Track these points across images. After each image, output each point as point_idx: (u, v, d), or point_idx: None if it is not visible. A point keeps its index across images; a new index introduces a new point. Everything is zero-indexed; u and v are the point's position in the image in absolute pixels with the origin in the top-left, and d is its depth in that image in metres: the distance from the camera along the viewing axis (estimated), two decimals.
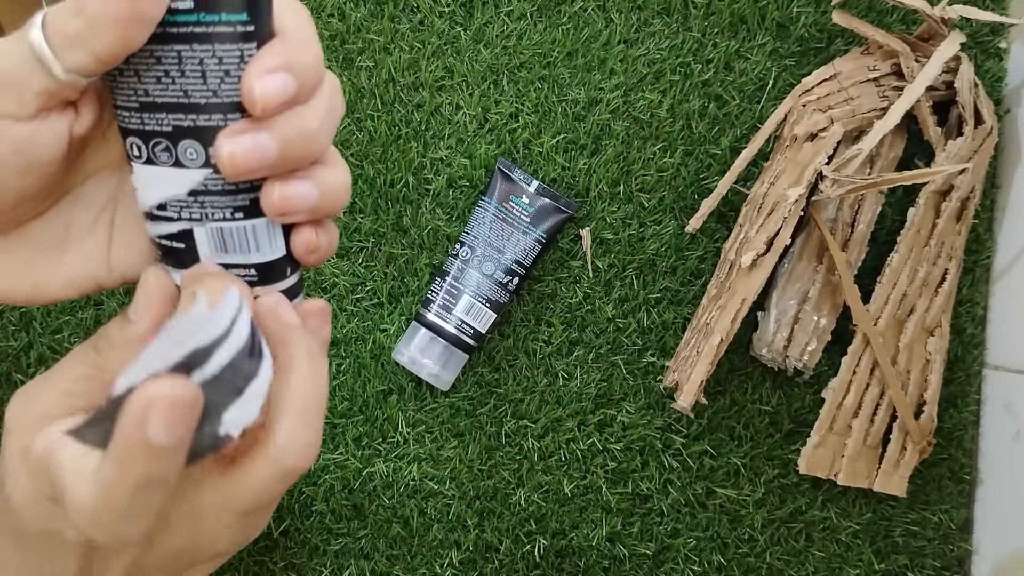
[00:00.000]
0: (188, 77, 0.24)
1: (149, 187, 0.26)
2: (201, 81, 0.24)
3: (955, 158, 0.56)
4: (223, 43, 0.24)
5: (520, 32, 0.61)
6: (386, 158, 0.60)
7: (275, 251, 0.28)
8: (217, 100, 0.24)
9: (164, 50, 0.24)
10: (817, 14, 0.61)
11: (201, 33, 0.24)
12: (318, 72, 0.25)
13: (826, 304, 0.56)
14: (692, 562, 0.59)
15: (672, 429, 0.59)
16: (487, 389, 0.60)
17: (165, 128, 0.25)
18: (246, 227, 0.27)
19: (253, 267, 0.27)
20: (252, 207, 0.26)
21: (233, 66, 0.24)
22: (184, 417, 0.22)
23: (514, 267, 0.58)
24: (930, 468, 0.59)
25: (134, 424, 0.21)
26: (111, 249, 0.29)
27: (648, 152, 0.61)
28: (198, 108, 0.25)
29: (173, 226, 0.26)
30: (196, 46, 0.24)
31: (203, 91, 0.24)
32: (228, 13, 0.24)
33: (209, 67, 0.24)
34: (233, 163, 0.24)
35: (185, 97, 0.24)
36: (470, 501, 0.59)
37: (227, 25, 0.24)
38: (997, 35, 0.62)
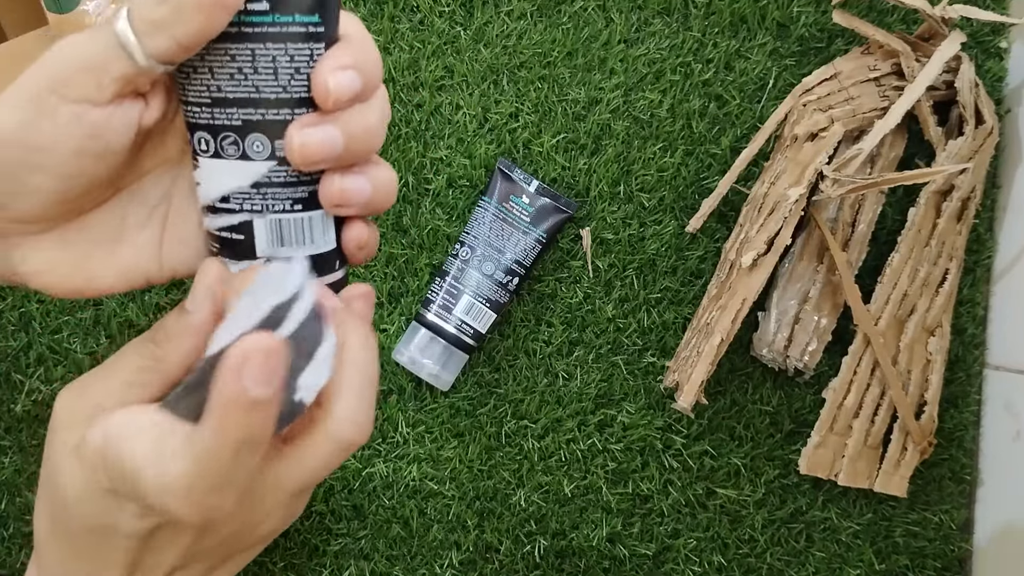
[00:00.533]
0: (260, 73, 0.26)
1: (213, 180, 0.27)
2: (272, 77, 0.26)
3: (956, 158, 0.56)
4: (295, 42, 0.26)
5: (520, 32, 0.61)
6: (386, 158, 0.60)
7: (327, 244, 0.29)
8: (286, 95, 0.26)
9: (239, 48, 0.25)
10: (817, 14, 0.61)
11: (275, 32, 0.25)
12: (378, 74, 0.27)
13: (827, 304, 0.56)
14: (692, 562, 0.59)
15: (672, 429, 0.59)
16: (487, 389, 0.59)
17: (235, 122, 0.26)
18: (303, 219, 0.28)
19: (307, 259, 0.28)
20: (310, 199, 0.28)
21: (303, 63, 0.26)
22: (278, 367, 0.23)
23: (514, 267, 0.58)
24: (931, 468, 0.59)
25: (232, 379, 0.22)
26: (163, 244, 0.30)
27: (648, 152, 0.61)
28: (268, 103, 0.26)
29: (234, 218, 0.28)
30: (270, 44, 0.25)
31: (274, 87, 0.26)
32: (301, 15, 0.25)
33: (281, 64, 0.26)
34: (304, 152, 0.26)
35: (256, 92, 0.26)
36: (470, 501, 0.59)
37: (299, 26, 0.26)
38: (998, 35, 0.62)
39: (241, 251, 0.28)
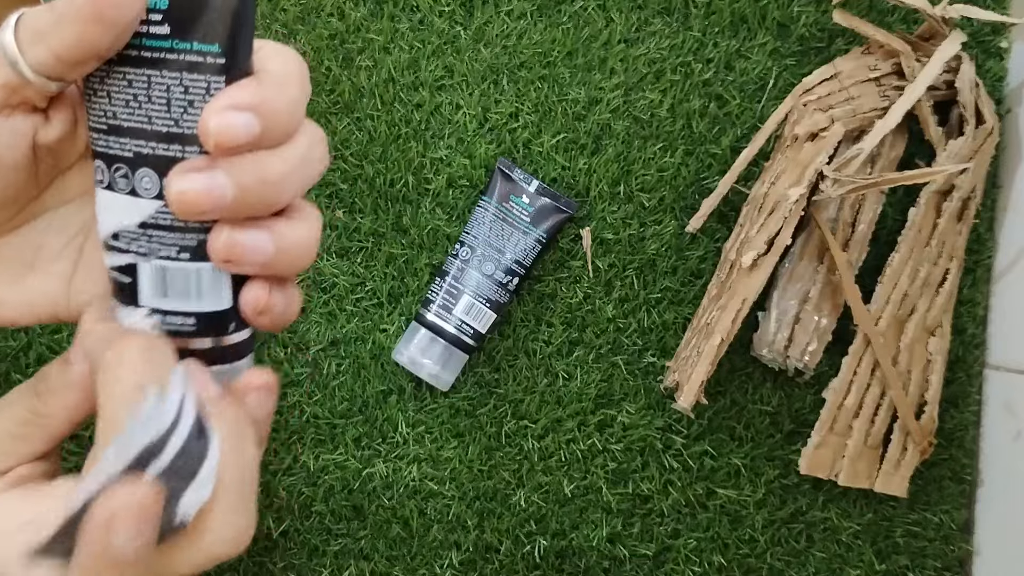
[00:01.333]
0: (154, 103, 0.24)
1: (106, 214, 0.25)
2: (165, 109, 0.24)
3: (956, 158, 0.56)
4: (191, 72, 0.23)
5: (520, 31, 0.61)
6: (386, 158, 0.60)
7: (219, 302, 0.26)
8: (178, 131, 0.24)
9: (135, 73, 0.24)
10: (818, 13, 0.61)
11: (172, 60, 0.23)
12: (292, 119, 0.24)
13: (827, 304, 0.56)
14: (692, 563, 0.58)
15: (672, 429, 0.59)
16: (487, 389, 0.59)
17: (126, 153, 0.24)
18: (191, 270, 0.25)
19: (193, 315, 0.26)
20: (200, 249, 0.25)
21: (197, 97, 0.24)
22: (149, 519, 0.21)
23: (514, 267, 0.57)
24: (931, 468, 0.59)
25: (99, 541, 0.21)
26: (73, 279, 0.28)
27: (648, 152, 0.61)
28: (158, 136, 0.24)
29: (122, 258, 0.25)
30: (166, 72, 0.23)
31: (165, 119, 0.24)
32: (200, 43, 0.23)
33: (175, 95, 0.24)
34: (182, 200, 0.23)
35: (148, 123, 0.24)
36: (470, 501, 0.59)
37: (197, 54, 0.23)
38: (998, 34, 0.62)
39: (127, 296, 0.26)
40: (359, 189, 0.60)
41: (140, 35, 0.23)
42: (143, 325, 0.26)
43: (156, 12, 0.23)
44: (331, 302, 0.60)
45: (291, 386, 0.59)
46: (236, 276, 0.26)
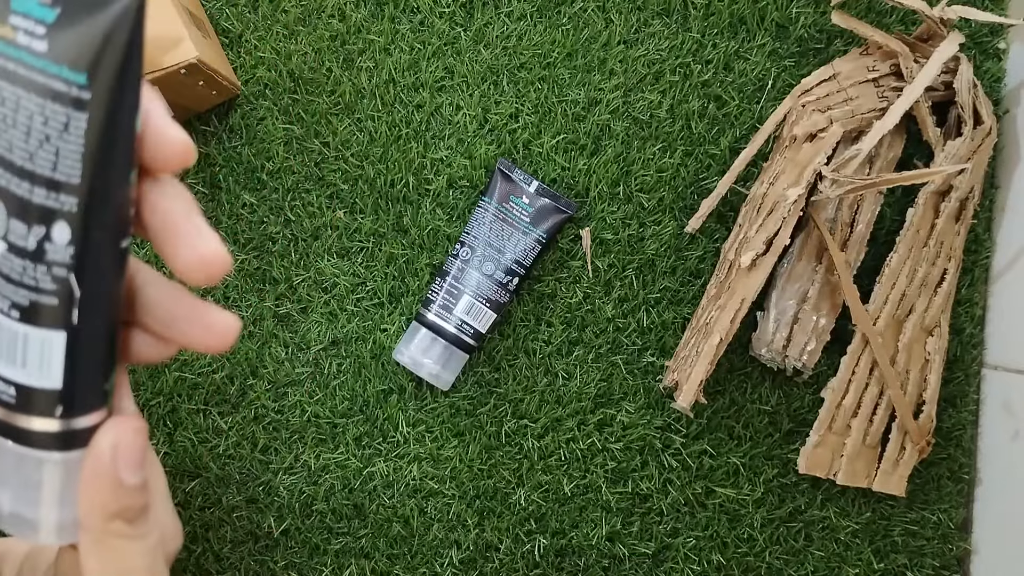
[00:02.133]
0: (17, 128, 0.21)
1: None
2: (24, 139, 0.21)
3: (954, 158, 0.56)
4: (55, 102, 0.20)
5: (520, 33, 0.61)
6: (386, 158, 0.61)
7: (45, 378, 0.22)
8: (31, 166, 0.21)
9: (6, 88, 0.21)
10: (816, 15, 0.61)
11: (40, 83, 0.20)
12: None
13: (825, 304, 0.56)
14: (692, 561, 0.59)
15: (672, 429, 0.60)
16: (487, 389, 0.60)
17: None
18: (17, 331, 0.21)
19: (13, 385, 0.22)
20: (33, 311, 0.21)
21: (55, 133, 0.21)
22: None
23: (514, 267, 0.58)
24: (929, 468, 0.59)
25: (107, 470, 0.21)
26: None
27: (648, 152, 0.61)
28: (13, 168, 0.21)
29: None
30: (34, 96, 0.20)
31: (23, 151, 0.21)
32: (70, 69, 0.20)
33: (35, 123, 0.20)
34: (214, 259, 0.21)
35: (9, 150, 0.21)
36: (470, 500, 0.59)
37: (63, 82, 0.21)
38: (996, 36, 0.62)
39: None
40: (360, 189, 0.61)
41: (21, 47, 0.20)
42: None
43: (40, 23, 0.20)
44: (332, 302, 0.60)
45: (292, 386, 0.60)
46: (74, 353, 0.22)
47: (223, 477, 0.59)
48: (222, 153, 0.61)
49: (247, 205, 0.60)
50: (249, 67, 0.61)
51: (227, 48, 0.61)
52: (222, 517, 0.59)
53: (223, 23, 0.61)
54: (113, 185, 0.21)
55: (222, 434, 0.59)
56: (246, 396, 0.60)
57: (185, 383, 0.59)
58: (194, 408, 0.59)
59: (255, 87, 0.61)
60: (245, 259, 0.60)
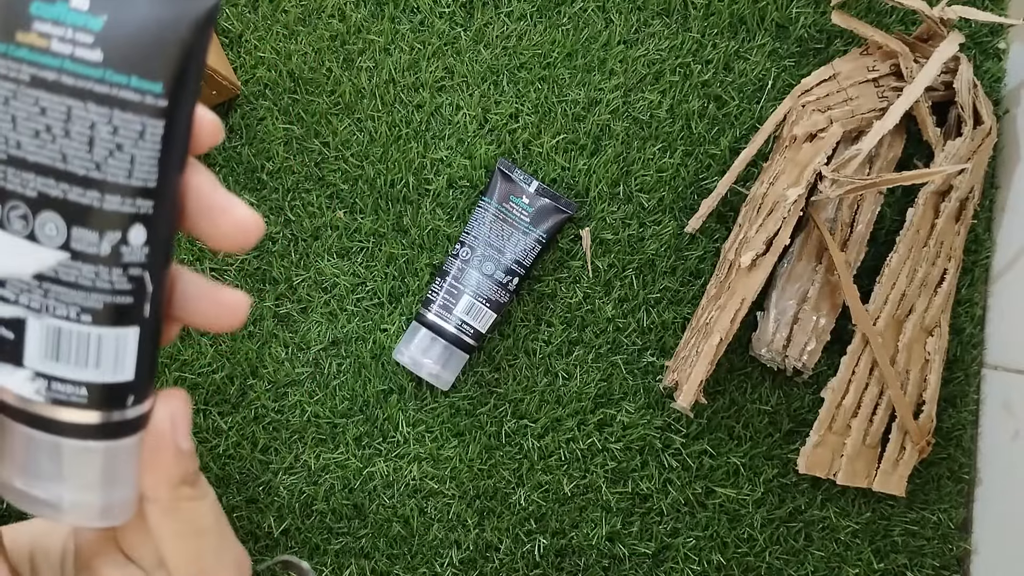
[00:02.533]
0: (72, 140, 0.20)
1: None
2: (87, 150, 0.21)
3: (954, 158, 0.56)
4: (125, 111, 0.21)
5: (520, 33, 0.61)
6: (386, 158, 0.61)
7: (119, 373, 0.22)
8: (98, 174, 0.21)
9: (53, 100, 0.20)
10: (816, 15, 0.61)
11: (102, 93, 0.20)
12: None
13: (825, 304, 0.56)
14: (692, 561, 0.59)
15: (672, 429, 0.60)
16: (487, 389, 0.60)
17: (28, 192, 0.21)
18: (91, 334, 0.22)
19: (85, 385, 0.22)
20: (105, 313, 0.22)
21: (129, 142, 0.21)
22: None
23: (514, 267, 0.58)
24: (929, 468, 0.59)
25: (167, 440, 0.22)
26: None
27: (648, 152, 0.61)
28: (76, 179, 0.21)
29: (7, 310, 0.22)
30: (93, 106, 0.20)
31: (86, 161, 0.21)
32: (141, 78, 0.21)
33: (101, 134, 0.21)
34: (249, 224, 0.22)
35: (63, 162, 0.21)
36: (470, 500, 0.59)
37: (134, 92, 0.21)
38: (996, 36, 0.62)
39: (7, 353, 0.22)
40: (360, 189, 0.61)
41: (62, 56, 0.20)
42: (25, 390, 0.22)
43: (84, 31, 0.20)
44: (332, 302, 0.60)
45: (292, 386, 0.60)
46: (143, 344, 0.23)
47: (223, 477, 0.59)
48: (222, 153, 0.61)
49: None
50: (249, 67, 0.61)
51: (227, 48, 0.61)
52: None
53: (223, 23, 0.61)
54: (177, 179, 0.22)
55: (222, 434, 0.59)
56: (246, 396, 0.60)
57: (185, 383, 0.59)
58: (194, 408, 0.59)
59: (255, 87, 0.61)
60: (245, 259, 0.60)
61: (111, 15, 0.20)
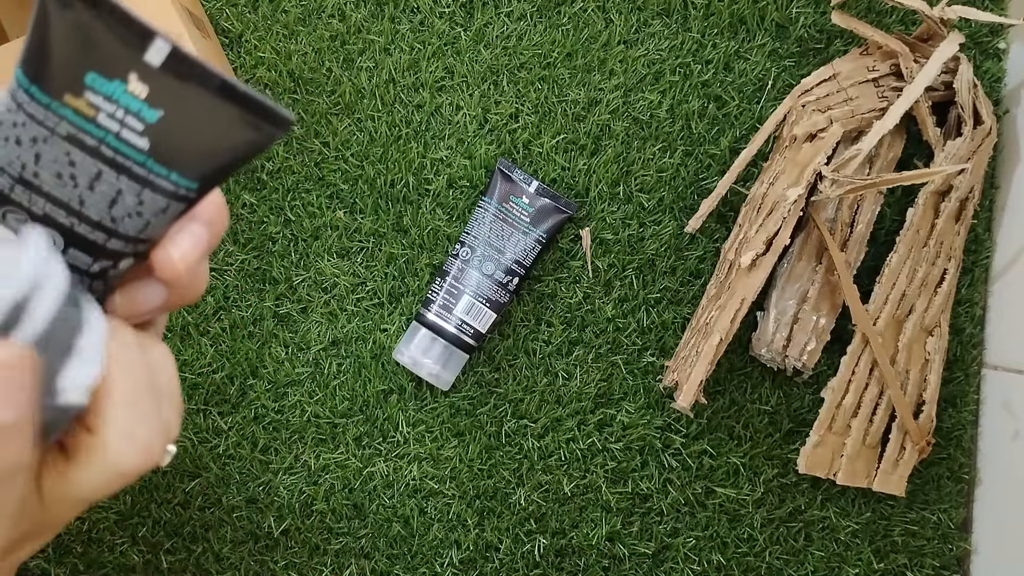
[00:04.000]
0: (95, 193, 0.22)
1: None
2: (108, 206, 0.22)
3: (954, 158, 0.56)
4: (155, 192, 0.22)
5: (520, 33, 0.61)
6: (386, 158, 0.61)
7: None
8: (112, 225, 0.22)
9: (86, 160, 0.21)
10: (816, 15, 0.61)
11: (140, 175, 0.22)
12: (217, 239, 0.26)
13: (825, 304, 0.56)
14: (692, 561, 0.59)
15: (672, 429, 0.60)
16: (487, 389, 0.60)
17: (35, 210, 0.22)
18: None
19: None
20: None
21: (150, 212, 0.22)
22: (19, 383, 0.19)
23: (514, 267, 0.58)
24: (929, 468, 0.59)
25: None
26: None
27: (648, 152, 0.61)
28: (86, 219, 0.22)
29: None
30: (123, 179, 0.22)
31: (102, 211, 0.22)
32: (181, 176, 0.22)
33: (126, 200, 0.22)
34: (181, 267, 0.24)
35: (79, 204, 0.22)
36: (470, 500, 0.59)
37: (170, 183, 0.22)
38: (996, 36, 0.62)
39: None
40: (360, 189, 0.61)
41: (106, 130, 0.21)
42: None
43: (135, 117, 0.21)
44: (332, 302, 0.60)
45: (292, 386, 0.60)
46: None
47: (223, 477, 0.59)
48: None
49: (247, 205, 0.60)
50: (249, 67, 0.61)
51: (227, 48, 0.61)
52: (222, 517, 0.59)
53: (223, 23, 0.61)
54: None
55: (222, 434, 0.59)
56: (246, 396, 0.60)
57: (185, 383, 0.59)
58: (194, 408, 0.59)
59: (255, 87, 0.61)
60: (245, 259, 0.60)
61: (167, 112, 0.21)
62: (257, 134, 0.22)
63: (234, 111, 0.21)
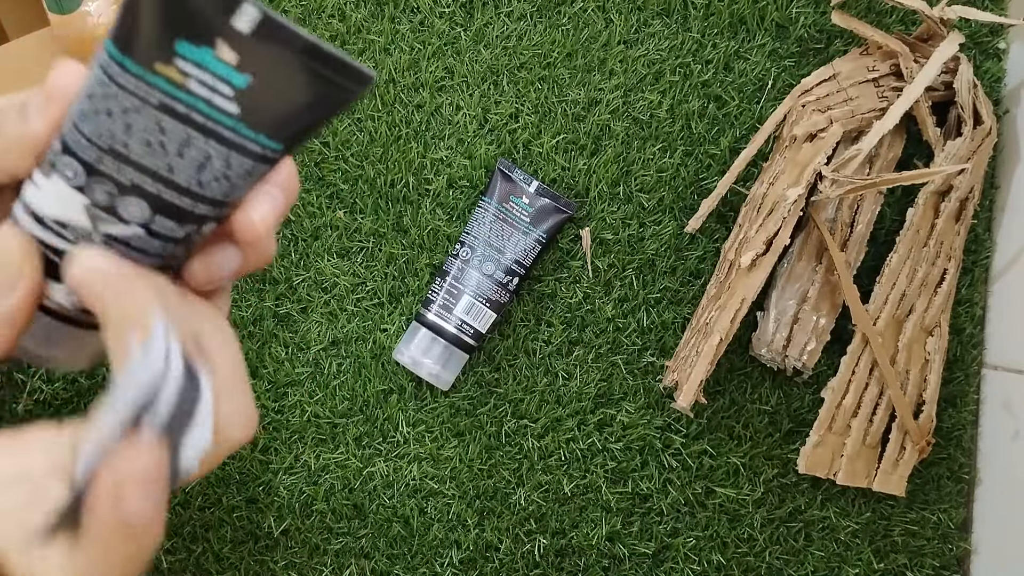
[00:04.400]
0: (184, 159, 0.22)
1: (60, 204, 0.23)
2: (195, 172, 0.23)
3: (954, 158, 0.56)
4: (241, 154, 0.23)
5: (520, 33, 0.61)
6: (386, 158, 0.61)
7: None
8: (198, 190, 0.23)
9: (176, 127, 0.22)
10: (816, 15, 0.61)
11: (227, 137, 0.22)
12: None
13: (825, 304, 0.56)
14: (692, 561, 0.59)
15: (672, 429, 0.60)
16: (487, 389, 0.60)
17: (122, 179, 0.23)
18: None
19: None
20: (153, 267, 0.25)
21: (237, 175, 0.23)
22: (157, 480, 0.21)
23: (514, 267, 0.58)
24: (929, 468, 0.59)
25: (110, 512, 0.20)
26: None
27: (648, 152, 0.61)
28: (175, 186, 0.23)
29: (63, 244, 0.24)
30: (212, 143, 0.22)
31: (190, 177, 0.23)
32: (269, 139, 0.23)
33: (213, 164, 0.23)
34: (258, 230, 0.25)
35: (167, 171, 0.23)
36: (470, 500, 0.59)
37: (258, 145, 0.23)
38: (996, 36, 0.62)
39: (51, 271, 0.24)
40: (360, 189, 0.61)
41: (197, 97, 0.22)
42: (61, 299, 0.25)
43: (225, 83, 0.21)
44: (332, 302, 0.60)
45: (292, 386, 0.60)
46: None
47: (223, 477, 0.59)
48: None
49: None
50: None
51: None
52: (222, 517, 0.59)
53: None
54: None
55: None
56: None
57: None
58: None
59: None
60: None
61: (256, 76, 0.21)
62: (341, 92, 0.22)
63: (320, 71, 0.22)
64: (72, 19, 0.54)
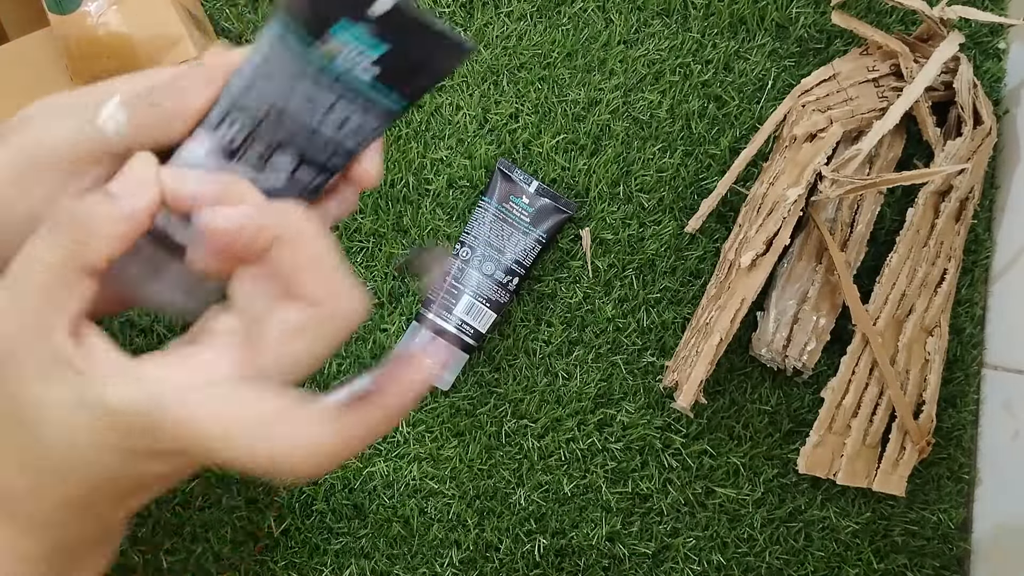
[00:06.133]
0: (328, 119, 0.27)
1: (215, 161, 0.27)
2: (336, 129, 0.28)
3: (954, 158, 0.56)
4: (375, 113, 0.28)
5: (520, 33, 0.61)
6: (386, 158, 0.61)
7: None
8: (336, 144, 0.28)
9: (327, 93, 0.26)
10: (816, 15, 0.61)
11: (366, 99, 0.27)
12: None
13: (825, 304, 0.56)
14: (692, 561, 0.59)
15: (672, 429, 0.60)
16: (487, 389, 0.60)
17: (278, 138, 0.27)
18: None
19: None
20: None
21: (367, 130, 0.28)
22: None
23: (514, 267, 0.58)
24: (929, 468, 0.59)
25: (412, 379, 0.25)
26: None
27: (648, 152, 0.61)
28: (318, 143, 0.28)
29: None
30: (355, 105, 0.27)
31: (332, 133, 0.28)
32: (400, 98, 0.27)
33: (352, 122, 0.28)
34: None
35: (313, 131, 0.27)
36: (470, 500, 0.59)
37: (388, 101, 0.27)
38: (996, 36, 0.62)
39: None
40: None
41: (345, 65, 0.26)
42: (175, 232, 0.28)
43: (366, 55, 0.26)
44: None
45: None
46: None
47: (223, 477, 0.59)
48: None
49: None
50: None
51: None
52: (222, 517, 0.59)
53: (223, 23, 0.61)
54: None
55: None
56: None
57: None
58: None
59: None
60: None
61: (394, 46, 0.26)
62: (452, 59, 0.27)
63: (439, 41, 0.26)
64: (72, 19, 0.54)
